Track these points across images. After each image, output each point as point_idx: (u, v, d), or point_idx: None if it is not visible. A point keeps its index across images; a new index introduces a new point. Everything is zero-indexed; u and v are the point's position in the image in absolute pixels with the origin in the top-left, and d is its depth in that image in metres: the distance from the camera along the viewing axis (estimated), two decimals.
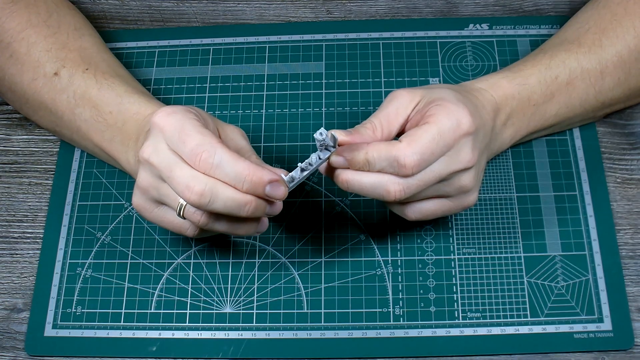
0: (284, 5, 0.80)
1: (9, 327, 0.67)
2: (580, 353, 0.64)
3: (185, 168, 0.55)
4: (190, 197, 0.55)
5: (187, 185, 0.55)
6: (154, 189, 0.59)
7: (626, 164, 0.71)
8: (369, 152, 0.56)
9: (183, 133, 0.56)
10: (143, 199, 0.60)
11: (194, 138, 0.55)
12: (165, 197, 0.58)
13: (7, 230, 0.72)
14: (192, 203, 0.55)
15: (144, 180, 0.59)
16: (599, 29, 0.67)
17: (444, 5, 0.80)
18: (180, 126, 0.56)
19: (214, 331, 0.66)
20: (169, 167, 0.56)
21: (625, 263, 0.67)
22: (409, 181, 0.56)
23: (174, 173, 0.56)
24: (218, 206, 0.55)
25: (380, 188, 0.57)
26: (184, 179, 0.55)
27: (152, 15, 0.81)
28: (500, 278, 0.67)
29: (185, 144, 0.55)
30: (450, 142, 0.56)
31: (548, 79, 0.65)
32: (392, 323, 0.65)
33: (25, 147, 0.76)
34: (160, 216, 0.60)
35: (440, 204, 0.60)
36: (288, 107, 0.75)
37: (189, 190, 0.55)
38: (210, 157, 0.55)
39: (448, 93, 0.59)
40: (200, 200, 0.55)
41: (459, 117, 0.57)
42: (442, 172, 0.57)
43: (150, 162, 0.57)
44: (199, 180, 0.55)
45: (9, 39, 0.69)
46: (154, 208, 0.60)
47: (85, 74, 0.68)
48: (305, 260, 0.68)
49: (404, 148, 0.55)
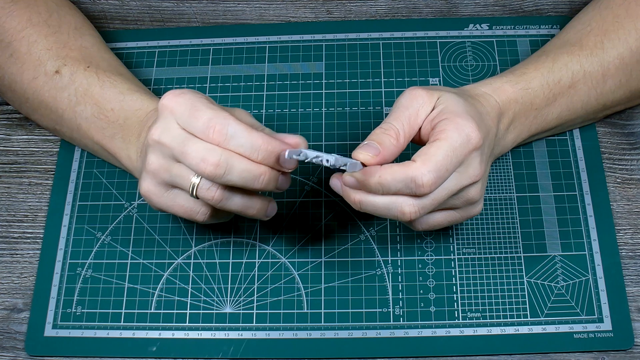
0: (284, 5, 0.80)
1: (9, 327, 0.67)
2: (580, 353, 0.64)
3: (198, 142, 0.56)
4: (205, 169, 0.55)
5: (202, 157, 0.55)
6: (164, 171, 0.58)
7: (626, 164, 0.71)
8: (382, 176, 0.55)
9: (194, 109, 0.56)
10: (153, 183, 0.59)
11: (206, 113, 0.56)
12: (178, 177, 0.58)
13: (7, 230, 0.72)
14: (208, 175, 0.55)
15: (154, 163, 0.58)
16: (601, 30, 0.67)
17: (444, 5, 0.80)
18: (190, 104, 0.57)
19: (214, 331, 0.66)
20: (182, 143, 0.56)
21: (625, 263, 0.67)
22: (423, 202, 0.56)
23: (187, 148, 0.56)
24: (233, 177, 0.56)
25: (395, 209, 0.56)
26: (198, 152, 0.55)
27: (152, 15, 0.81)
28: (500, 278, 0.67)
29: (197, 119, 0.56)
30: (461, 158, 0.56)
31: (551, 83, 0.65)
32: (392, 323, 0.65)
33: (25, 147, 0.76)
34: (170, 200, 0.60)
35: (447, 215, 0.60)
36: (288, 107, 0.75)
37: (205, 162, 0.55)
38: (224, 129, 0.55)
39: (457, 103, 0.58)
40: (216, 171, 0.55)
41: (468, 132, 0.56)
42: (453, 188, 0.57)
43: (161, 142, 0.57)
44: (214, 152, 0.55)
45: (9, 38, 0.69)
46: (164, 192, 0.60)
47: (86, 71, 0.68)
48: (305, 260, 0.68)
49: (419, 167, 0.54)
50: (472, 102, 0.60)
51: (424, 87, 0.59)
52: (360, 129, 0.74)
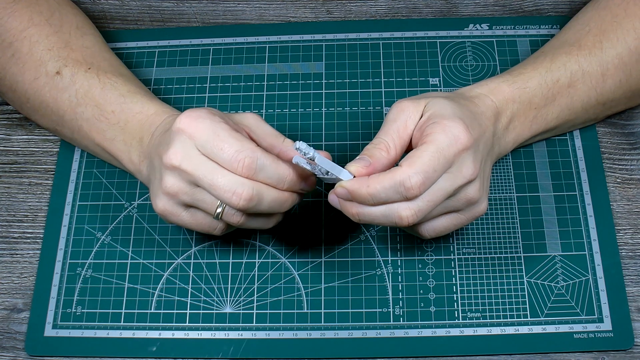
0: (284, 5, 0.80)
1: (9, 327, 0.67)
2: (580, 353, 0.64)
3: (227, 174, 0.56)
4: (238, 203, 0.56)
5: (234, 191, 0.56)
6: (185, 195, 0.58)
7: (626, 164, 0.71)
8: (371, 186, 0.55)
9: (218, 139, 0.56)
10: (170, 203, 0.60)
11: (232, 145, 0.56)
12: (201, 202, 0.58)
13: (7, 230, 0.72)
14: (240, 208, 0.57)
15: (174, 186, 0.58)
16: (600, 30, 0.67)
17: (444, 5, 0.80)
18: (212, 132, 0.57)
19: (214, 331, 0.66)
20: (208, 174, 0.56)
21: (625, 263, 0.67)
22: (418, 204, 0.56)
23: (216, 181, 0.56)
24: (263, 207, 0.58)
25: (392, 216, 0.56)
26: (229, 186, 0.56)
27: (152, 15, 0.81)
28: (500, 278, 0.67)
29: (223, 150, 0.56)
30: (450, 158, 0.56)
31: (549, 82, 0.65)
32: (392, 323, 0.65)
33: (25, 147, 0.76)
34: (188, 218, 0.60)
35: (452, 219, 0.60)
36: (288, 107, 0.75)
37: (237, 196, 0.56)
38: (253, 163, 0.56)
39: (445, 106, 0.58)
40: (248, 204, 0.57)
41: (455, 133, 0.56)
42: (448, 188, 0.57)
43: (182, 168, 0.57)
44: (246, 186, 0.56)
45: (10, 38, 0.69)
46: (182, 211, 0.60)
47: (87, 73, 0.68)
48: (305, 260, 0.68)
49: (405, 171, 0.55)
50: (464, 104, 0.60)
51: (410, 98, 0.60)
52: (360, 129, 0.74)
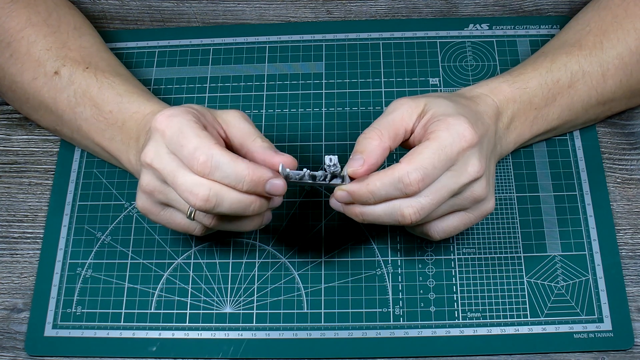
0: (284, 5, 0.80)
1: (9, 327, 0.67)
2: (580, 353, 0.64)
3: (187, 174, 0.56)
4: (196, 203, 0.55)
5: (191, 191, 0.55)
6: (159, 193, 0.59)
7: (626, 164, 0.71)
8: (370, 184, 0.55)
9: (181, 136, 0.56)
10: (149, 202, 0.60)
11: (191, 141, 0.55)
12: (174, 202, 0.59)
13: (7, 230, 0.72)
14: (199, 208, 0.56)
15: (149, 184, 0.59)
16: (600, 31, 0.67)
17: (444, 5, 0.80)
18: (178, 129, 0.56)
19: (214, 331, 0.66)
20: (172, 173, 0.56)
21: (625, 263, 0.67)
22: (420, 201, 0.56)
23: (177, 180, 0.56)
24: (224, 209, 0.56)
25: (395, 214, 0.56)
26: (187, 186, 0.55)
27: (152, 15, 0.81)
28: (500, 278, 0.67)
29: (183, 147, 0.56)
30: (453, 156, 0.56)
31: (549, 83, 0.65)
32: (392, 323, 0.65)
33: (25, 147, 0.76)
34: (167, 218, 0.61)
35: (460, 217, 0.60)
36: (288, 107, 0.75)
37: (194, 197, 0.55)
38: (208, 160, 0.55)
39: (448, 106, 0.58)
40: (205, 205, 0.55)
41: (460, 131, 0.56)
42: (452, 186, 0.57)
43: (153, 166, 0.57)
44: (203, 186, 0.55)
45: (8, 38, 0.69)
46: (160, 210, 0.60)
47: (85, 72, 0.68)
48: (305, 260, 0.68)
49: (404, 167, 0.55)
50: (466, 103, 0.61)
51: (410, 96, 0.60)
52: (360, 129, 0.73)
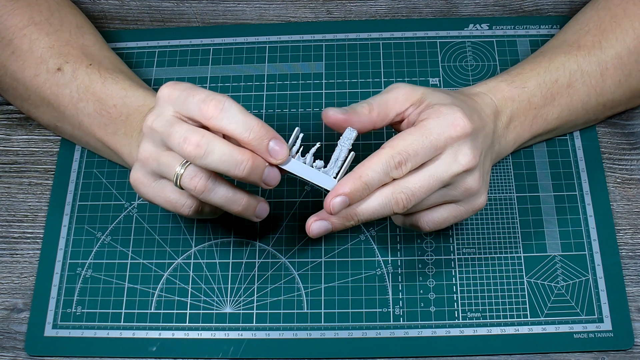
0: (284, 5, 0.80)
1: (9, 327, 0.68)
2: (580, 353, 0.64)
3: (184, 124, 0.56)
4: (186, 149, 0.55)
5: (184, 137, 0.55)
6: (153, 160, 0.59)
7: (626, 164, 0.71)
8: (363, 175, 0.56)
9: (191, 90, 0.57)
10: (142, 172, 0.60)
11: (202, 92, 0.56)
12: (164, 166, 0.58)
13: (7, 230, 0.72)
14: (188, 155, 0.55)
15: (145, 151, 0.59)
16: (599, 30, 0.67)
17: (444, 5, 0.80)
18: (187, 87, 0.57)
19: (214, 331, 0.66)
20: (168, 125, 0.57)
21: (625, 263, 0.67)
22: (410, 188, 0.56)
23: (172, 129, 0.56)
24: (214, 159, 0.55)
25: (390, 203, 0.57)
26: (181, 133, 0.56)
27: (152, 15, 0.81)
28: (500, 278, 0.67)
29: (194, 96, 0.56)
30: (439, 143, 0.56)
31: (548, 82, 0.65)
32: (392, 323, 0.65)
33: (25, 147, 0.76)
34: (157, 190, 0.60)
35: (450, 209, 0.60)
36: (288, 107, 0.75)
37: (186, 142, 0.55)
38: (219, 103, 0.55)
39: (443, 97, 0.59)
40: (196, 151, 0.55)
41: (451, 120, 0.57)
42: (442, 175, 0.57)
43: (153, 127, 0.58)
44: (196, 132, 0.55)
45: (10, 35, 0.70)
46: (151, 182, 0.60)
47: (88, 68, 0.69)
48: (305, 260, 0.68)
49: (388, 151, 0.56)
50: (464, 99, 0.61)
51: (410, 84, 0.61)
52: None
